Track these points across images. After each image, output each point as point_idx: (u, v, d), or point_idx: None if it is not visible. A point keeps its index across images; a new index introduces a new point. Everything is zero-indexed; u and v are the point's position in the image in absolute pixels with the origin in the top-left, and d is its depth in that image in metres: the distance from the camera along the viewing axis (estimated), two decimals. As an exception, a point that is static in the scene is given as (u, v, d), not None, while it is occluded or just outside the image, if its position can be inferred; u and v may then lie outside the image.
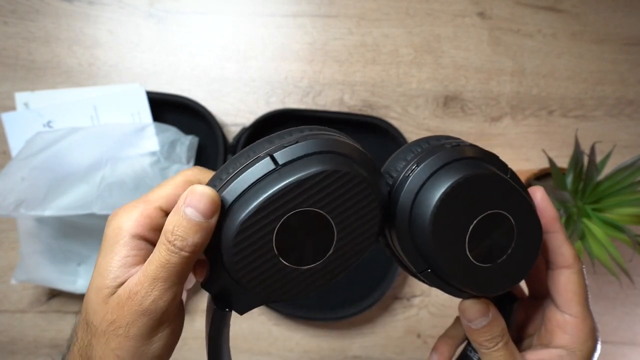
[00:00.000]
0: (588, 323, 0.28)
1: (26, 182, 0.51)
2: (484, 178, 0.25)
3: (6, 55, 0.59)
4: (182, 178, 0.25)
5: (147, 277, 0.23)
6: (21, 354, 0.59)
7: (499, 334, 0.27)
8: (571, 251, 0.28)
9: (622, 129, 0.61)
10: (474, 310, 0.27)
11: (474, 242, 0.25)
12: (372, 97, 0.60)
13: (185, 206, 0.23)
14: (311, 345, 0.60)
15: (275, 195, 0.22)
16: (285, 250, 0.23)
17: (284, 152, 0.23)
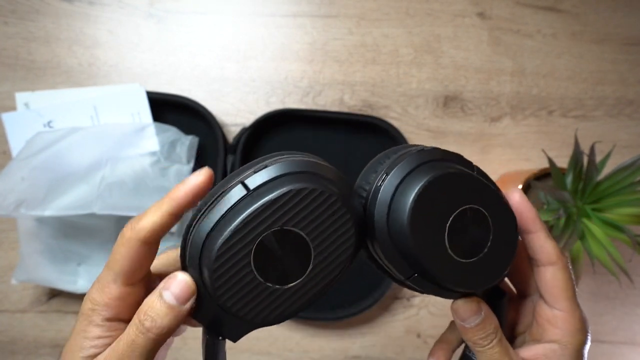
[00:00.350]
0: (577, 316, 0.28)
1: (26, 182, 0.51)
2: (452, 176, 0.26)
3: (6, 55, 0.59)
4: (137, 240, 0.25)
5: (113, 356, 0.24)
6: (21, 353, 0.59)
7: (493, 331, 0.28)
8: (554, 248, 0.28)
9: (621, 129, 0.61)
10: (465, 308, 0.28)
11: (453, 239, 0.26)
12: (372, 97, 0.60)
13: (163, 289, 0.24)
14: (311, 345, 0.60)
15: (247, 218, 0.23)
16: (265, 270, 0.24)
17: (254, 178, 0.24)
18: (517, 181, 0.53)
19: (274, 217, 0.23)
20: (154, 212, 0.25)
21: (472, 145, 0.60)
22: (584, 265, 0.49)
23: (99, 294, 0.25)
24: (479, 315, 0.28)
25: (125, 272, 0.25)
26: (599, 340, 0.60)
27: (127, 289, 0.25)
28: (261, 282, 0.24)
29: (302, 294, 0.25)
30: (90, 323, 0.25)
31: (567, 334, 0.28)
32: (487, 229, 0.26)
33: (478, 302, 0.28)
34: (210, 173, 0.25)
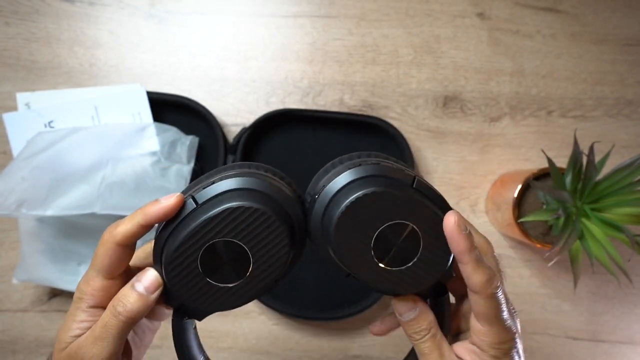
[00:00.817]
0: (498, 336, 0.30)
1: (27, 182, 0.51)
2: (381, 194, 0.29)
3: (7, 55, 0.59)
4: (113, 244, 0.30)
5: (91, 336, 0.29)
6: (22, 353, 0.59)
7: (426, 327, 0.31)
8: (480, 278, 0.29)
9: (620, 129, 0.61)
10: (401, 304, 0.31)
11: (380, 248, 0.29)
12: (372, 98, 0.61)
13: (135, 281, 0.29)
14: (311, 345, 0.60)
15: (193, 231, 0.28)
16: (211, 272, 0.29)
17: (202, 193, 0.29)
18: (517, 181, 0.53)
19: (216, 230, 0.28)
20: (128, 222, 0.30)
21: (471, 145, 0.61)
22: (583, 264, 0.49)
23: (85, 285, 0.30)
24: (413, 311, 0.31)
25: (105, 268, 0.29)
26: (598, 340, 0.61)
27: (107, 282, 0.30)
28: (208, 282, 0.29)
29: (243, 292, 0.29)
30: (78, 309, 0.30)
31: (486, 345, 0.30)
32: (416, 242, 0.29)
33: (414, 300, 0.31)
34: (181, 200, 0.29)
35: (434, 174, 0.61)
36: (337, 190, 0.30)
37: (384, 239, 0.29)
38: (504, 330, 0.30)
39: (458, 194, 0.61)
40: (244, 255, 0.29)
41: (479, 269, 0.29)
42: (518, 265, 0.61)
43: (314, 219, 0.30)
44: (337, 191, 0.30)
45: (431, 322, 0.31)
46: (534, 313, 0.60)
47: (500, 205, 0.56)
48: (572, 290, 0.60)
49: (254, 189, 0.29)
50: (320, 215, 0.30)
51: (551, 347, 0.61)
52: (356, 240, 0.29)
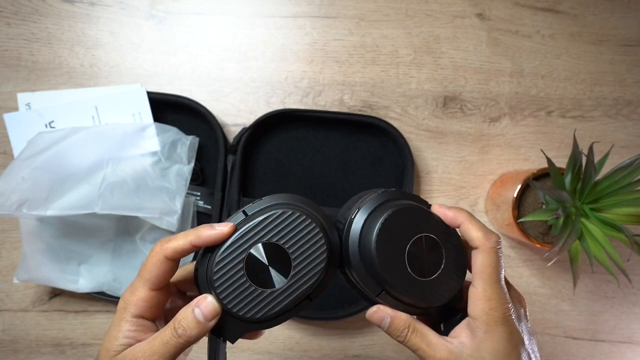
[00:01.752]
0: (492, 296, 0.32)
1: (28, 182, 0.51)
2: (408, 210, 0.33)
3: (8, 56, 0.60)
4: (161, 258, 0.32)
5: (148, 349, 0.30)
6: (24, 352, 0.59)
7: (404, 326, 0.33)
8: (478, 233, 0.33)
9: (620, 129, 0.61)
10: (373, 317, 0.33)
11: (412, 261, 0.32)
12: (372, 98, 0.61)
13: (195, 306, 0.31)
14: (311, 345, 0.60)
15: (240, 233, 0.31)
16: (254, 275, 0.31)
17: (251, 206, 0.32)
18: (516, 181, 0.53)
19: (262, 233, 0.31)
20: (180, 238, 0.31)
21: (471, 145, 0.61)
22: (583, 264, 0.49)
23: (130, 295, 0.32)
24: (386, 318, 0.33)
25: (152, 279, 0.31)
26: (597, 339, 0.61)
27: (152, 293, 0.31)
28: (251, 285, 0.31)
29: (285, 296, 0.31)
30: (122, 319, 0.31)
31: (480, 310, 0.32)
32: (439, 253, 0.33)
33: (380, 308, 0.33)
34: (233, 228, 0.31)
35: (434, 174, 0.61)
36: (371, 211, 0.33)
37: (413, 252, 0.32)
38: (497, 292, 0.32)
39: (458, 194, 0.61)
40: (285, 260, 0.31)
41: (475, 224, 0.34)
42: (518, 265, 0.61)
43: (352, 239, 0.33)
44: (371, 212, 0.33)
45: (406, 321, 0.33)
46: (534, 313, 0.61)
47: (499, 205, 0.56)
48: (571, 290, 0.60)
49: (299, 204, 0.33)
50: (358, 234, 0.32)
51: (551, 346, 0.61)
52: (393, 252, 0.32)
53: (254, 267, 0.31)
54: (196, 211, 0.58)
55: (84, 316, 0.60)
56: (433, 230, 0.33)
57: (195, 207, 0.58)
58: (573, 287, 0.48)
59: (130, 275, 0.56)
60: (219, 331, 0.32)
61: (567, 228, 0.47)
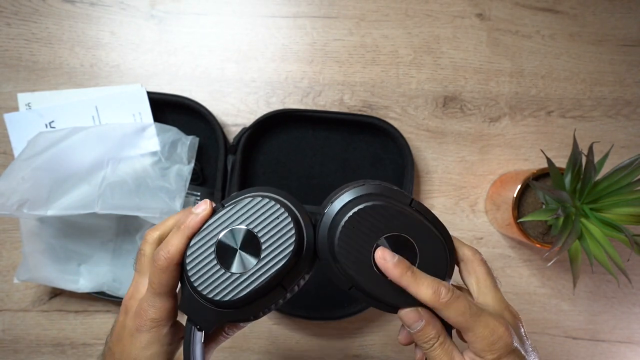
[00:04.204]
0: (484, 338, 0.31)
1: (29, 183, 0.51)
2: (380, 207, 0.32)
3: (9, 56, 0.60)
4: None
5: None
6: (24, 352, 0.59)
7: (434, 336, 0.32)
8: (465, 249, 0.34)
9: (619, 129, 0.61)
10: (408, 317, 0.32)
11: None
12: (372, 98, 0.61)
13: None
14: (311, 344, 0.60)
15: (213, 220, 0.32)
16: (224, 259, 0.32)
17: (230, 198, 0.33)
18: (516, 181, 0.53)
19: (233, 219, 0.32)
20: (176, 240, 0.32)
21: (471, 145, 0.61)
22: (583, 264, 0.49)
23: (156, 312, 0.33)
24: (420, 322, 0.32)
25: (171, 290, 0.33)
26: (597, 339, 0.61)
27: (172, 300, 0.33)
28: (221, 268, 0.31)
29: (254, 279, 0.31)
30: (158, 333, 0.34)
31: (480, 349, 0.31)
32: (413, 255, 0.32)
33: (418, 311, 0.32)
34: (210, 204, 0.33)
35: (434, 174, 0.61)
36: (342, 206, 0.33)
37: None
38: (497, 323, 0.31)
39: (458, 194, 0.61)
40: (254, 244, 0.32)
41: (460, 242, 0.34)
42: (517, 265, 0.61)
43: (321, 232, 0.33)
44: (342, 206, 0.32)
45: (439, 331, 0.32)
46: (534, 312, 0.61)
47: (499, 205, 0.56)
48: (571, 290, 0.60)
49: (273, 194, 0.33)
50: (327, 228, 0.32)
51: (550, 346, 0.61)
52: (358, 249, 0.32)
53: (225, 251, 0.32)
54: (196, 211, 0.58)
55: (84, 316, 0.60)
56: (407, 229, 0.32)
57: (196, 207, 0.58)
58: (573, 287, 0.48)
59: (130, 275, 0.56)
60: (193, 320, 0.32)
61: (567, 228, 0.47)
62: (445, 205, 0.61)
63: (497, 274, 0.61)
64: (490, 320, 0.31)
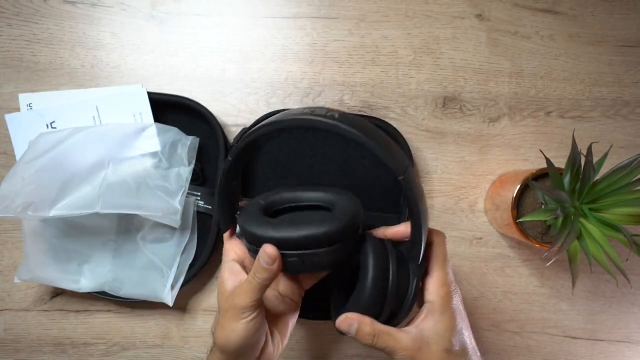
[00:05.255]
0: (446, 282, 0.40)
1: (32, 185, 0.51)
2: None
3: (10, 57, 0.60)
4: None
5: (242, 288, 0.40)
6: (25, 351, 0.60)
7: (369, 332, 0.38)
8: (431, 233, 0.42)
9: (618, 129, 0.61)
10: (342, 324, 0.39)
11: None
12: (372, 98, 0.61)
13: (260, 257, 0.39)
14: (311, 344, 0.61)
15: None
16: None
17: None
18: (516, 181, 0.53)
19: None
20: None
21: (470, 145, 0.61)
22: (581, 264, 0.50)
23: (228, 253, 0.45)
24: (353, 325, 0.38)
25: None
26: (596, 339, 0.61)
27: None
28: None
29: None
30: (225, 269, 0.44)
31: (436, 295, 0.40)
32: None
33: (347, 317, 0.39)
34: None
35: (434, 174, 0.61)
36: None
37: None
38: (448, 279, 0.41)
39: (457, 194, 0.61)
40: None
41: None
42: (517, 265, 0.61)
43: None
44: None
45: (371, 324, 0.38)
46: (533, 312, 0.61)
47: (499, 205, 0.56)
48: (570, 290, 0.60)
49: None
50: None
51: (549, 346, 0.61)
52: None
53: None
54: (196, 211, 0.59)
55: (85, 316, 0.60)
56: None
57: (196, 207, 0.58)
58: (572, 286, 0.48)
59: (131, 275, 0.57)
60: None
61: (566, 228, 0.48)
62: (444, 205, 0.61)
63: (497, 274, 0.61)
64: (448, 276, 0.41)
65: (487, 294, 0.61)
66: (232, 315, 0.40)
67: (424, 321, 0.39)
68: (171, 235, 0.58)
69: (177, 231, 0.58)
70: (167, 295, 0.55)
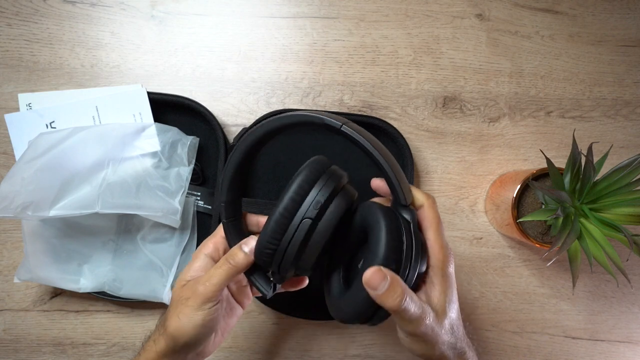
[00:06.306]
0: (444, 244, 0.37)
1: (32, 185, 0.51)
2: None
3: (10, 56, 0.60)
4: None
5: (208, 275, 0.39)
6: (25, 352, 0.60)
7: (401, 294, 0.33)
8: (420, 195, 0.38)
9: (618, 129, 0.61)
10: (374, 277, 0.33)
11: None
12: (372, 98, 0.61)
13: (243, 244, 0.39)
14: (311, 344, 0.60)
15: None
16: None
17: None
18: (516, 181, 0.53)
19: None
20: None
21: (470, 145, 0.61)
22: (582, 264, 0.50)
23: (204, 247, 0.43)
24: (385, 281, 0.33)
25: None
26: (596, 339, 0.61)
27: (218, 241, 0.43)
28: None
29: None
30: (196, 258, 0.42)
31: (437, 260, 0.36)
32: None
33: (379, 269, 0.33)
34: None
35: (434, 174, 0.61)
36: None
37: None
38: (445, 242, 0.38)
39: (458, 194, 0.61)
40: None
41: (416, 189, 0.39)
42: (517, 265, 0.61)
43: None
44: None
45: (403, 285, 0.34)
46: (533, 312, 0.61)
47: (499, 205, 0.56)
48: (570, 290, 0.60)
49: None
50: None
51: (550, 346, 0.61)
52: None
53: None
54: (196, 211, 0.59)
55: (85, 316, 0.60)
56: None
57: (196, 207, 0.58)
58: (572, 286, 0.48)
59: (131, 275, 0.57)
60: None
61: (566, 228, 0.47)
62: (445, 205, 0.61)
63: (497, 274, 0.61)
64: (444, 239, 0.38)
65: (487, 294, 0.61)
66: (193, 303, 0.39)
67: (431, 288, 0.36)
68: (171, 235, 0.58)
69: (177, 231, 0.57)
70: (167, 295, 0.55)
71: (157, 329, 0.42)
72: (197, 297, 0.39)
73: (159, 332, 0.41)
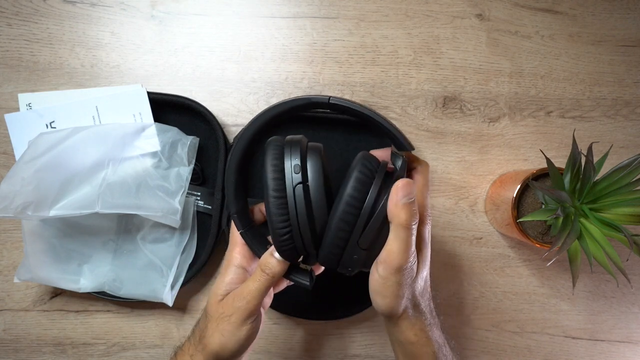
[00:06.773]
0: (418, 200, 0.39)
1: (32, 185, 0.51)
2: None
3: (9, 56, 0.60)
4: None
5: (246, 288, 0.40)
6: (25, 352, 0.60)
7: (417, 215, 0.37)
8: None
9: (618, 129, 0.61)
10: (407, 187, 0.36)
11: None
12: (372, 98, 0.61)
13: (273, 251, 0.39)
14: (311, 344, 0.61)
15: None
16: None
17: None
18: (516, 181, 0.53)
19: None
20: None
21: (470, 145, 0.61)
22: (582, 264, 0.50)
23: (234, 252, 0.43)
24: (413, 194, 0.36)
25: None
26: (596, 339, 0.61)
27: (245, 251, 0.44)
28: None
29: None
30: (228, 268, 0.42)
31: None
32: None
33: (410, 181, 0.36)
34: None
35: (434, 174, 0.61)
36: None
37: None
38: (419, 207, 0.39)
39: (457, 194, 0.61)
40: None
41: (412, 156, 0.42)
42: (517, 265, 0.61)
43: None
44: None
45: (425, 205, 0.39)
46: (533, 312, 0.61)
47: (499, 205, 0.56)
48: (570, 290, 0.60)
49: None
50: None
51: (550, 346, 0.61)
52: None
53: None
54: (196, 211, 0.59)
55: (85, 316, 0.60)
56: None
57: (196, 207, 0.58)
58: (572, 286, 0.48)
59: (131, 275, 0.57)
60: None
61: (566, 228, 0.47)
62: (444, 205, 0.61)
63: (497, 274, 0.61)
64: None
65: (487, 294, 0.61)
66: (236, 319, 0.39)
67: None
68: (171, 235, 0.58)
69: (177, 231, 0.57)
70: (167, 295, 0.55)
71: (193, 344, 0.42)
72: (240, 313, 0.39)
73: (195, 347, 0.41)
